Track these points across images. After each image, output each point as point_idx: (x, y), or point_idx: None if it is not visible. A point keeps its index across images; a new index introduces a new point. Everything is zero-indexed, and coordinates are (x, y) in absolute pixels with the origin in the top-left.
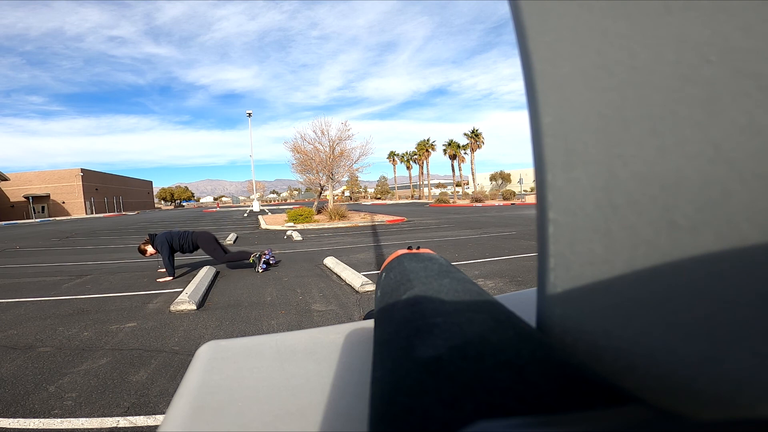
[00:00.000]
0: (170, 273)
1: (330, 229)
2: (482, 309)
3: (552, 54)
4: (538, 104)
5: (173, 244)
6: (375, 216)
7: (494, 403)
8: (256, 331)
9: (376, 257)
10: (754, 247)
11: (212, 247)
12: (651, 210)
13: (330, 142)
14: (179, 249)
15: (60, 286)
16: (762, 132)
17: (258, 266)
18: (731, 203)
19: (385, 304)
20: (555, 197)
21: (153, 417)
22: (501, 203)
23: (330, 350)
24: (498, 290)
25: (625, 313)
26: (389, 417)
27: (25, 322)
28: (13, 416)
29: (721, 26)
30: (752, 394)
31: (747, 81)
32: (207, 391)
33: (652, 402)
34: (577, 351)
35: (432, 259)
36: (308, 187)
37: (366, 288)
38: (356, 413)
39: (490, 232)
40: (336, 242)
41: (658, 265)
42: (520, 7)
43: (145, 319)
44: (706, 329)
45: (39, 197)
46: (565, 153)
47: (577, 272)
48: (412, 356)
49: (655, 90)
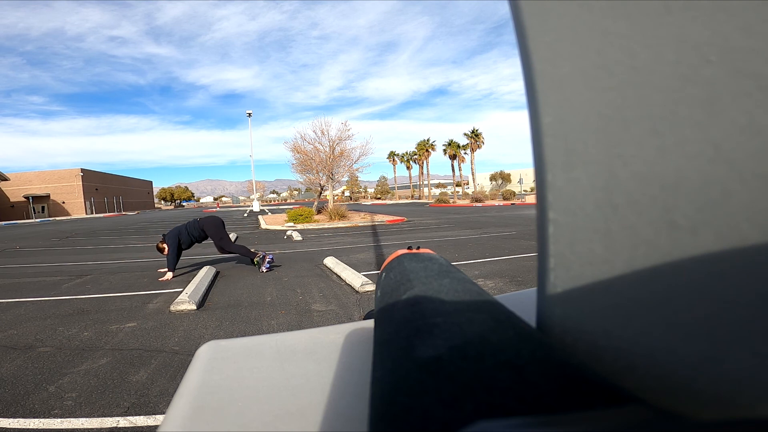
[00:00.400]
0: (170, 267)
1: (330, 229)
2: (482, 309)
3: (552, 54)
4: (538, 104)
5: (182, 238)
6: (375, 216)
7: (494, 403)
8: (256, 331)
9: (376, 257)
10: (754, 247)
11: (218, 233)
12: (651, 210)
13: (330, 142)
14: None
15: (60, 286)
16: (762, 132)
17: (262, 266)
18: (731, 203)
19: (385, 304)
20: (555, 197)
21: (153, 417)
22: (501, 203)
23: (330, 350)
24: (498, 290)
25: (625, 313)
26: (389, 417)
27: (25, 322)
28: (13, 416)
29: (721, 26)
30: (752, 394)
31: (747, 81)
32: (207, 391)
33: (652, 402)
34: (577, 351)
35: (432, 259)
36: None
37: (366, 288)
38: (356, 413)
39: (490, 232)
40: (336, 242)
41: (658, 265)
42: (520, 7)
43: (145, 319)
44: (706, 329)
45: (39, 197)
46: (565, 153)
47: (577, 272)
48: (412, 356)
49: (655, 90)
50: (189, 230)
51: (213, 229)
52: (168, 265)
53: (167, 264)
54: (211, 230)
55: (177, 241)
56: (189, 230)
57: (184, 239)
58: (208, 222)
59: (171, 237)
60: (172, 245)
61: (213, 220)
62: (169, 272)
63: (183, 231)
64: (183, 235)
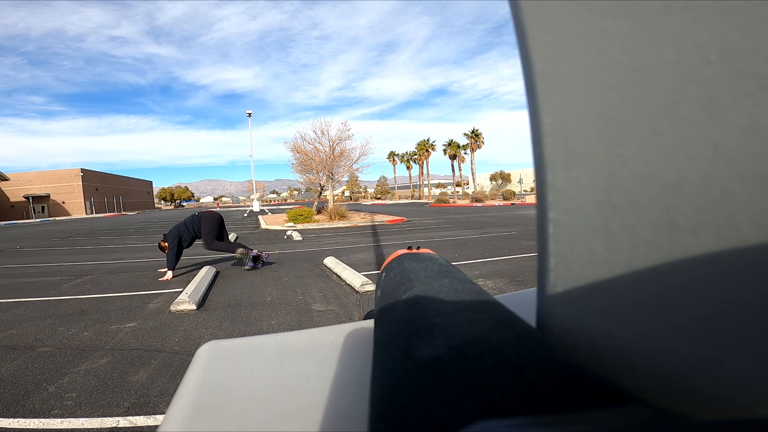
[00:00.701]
0: (169, 266)
1: (330, 229)
2: (482, 309)
3: (552, 54)
4: (538, 104)
5: (183, 235)
6: (375, 216)
7: (494, 403)
8: (256, 331)
9: (376, 257)
10: (754, 247)
11: (207, 227)
12: (651, 210)
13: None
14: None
15: (60, 286)
16: (762, 132)
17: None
18: (731, 203)
19: (385, 304)
20: (555, 197)
21: (153, 417)
22: (501, 203)
23: (330, 350)
24: (498, 290)
25: (625, 313)
26: (389, 417)
27: (25, 322)
28: (13, 416)
29: (721, 26)
30: (752, 394)
31: (747, 81)
32: (207, 391)
33: (652, 402)
34: (577, 351)
35: (432, 259)
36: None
37: (366, 288)
38: (356, 413)
39: (490, 232)
40: (336, 242)
41: (658, 265)
42: (520, 7)
43: (145, 319)
44: (706, 329)
45: (39, 197)
46: (565, 153)
47: (577, 272)
48: (412, 356)
49: (655, 90)
50: (188, 226)
51: (206, 223)
52: (167, 264)
53: (167, 263)
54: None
55: (178, 239)
56: (188, 226)
57: (185, 236)
58: (206, 216)
59: (171, 235)
60: (172, 243)
61: (211, 215)
62: (169, 272)
63: (183, 228)
64: (183, 232)
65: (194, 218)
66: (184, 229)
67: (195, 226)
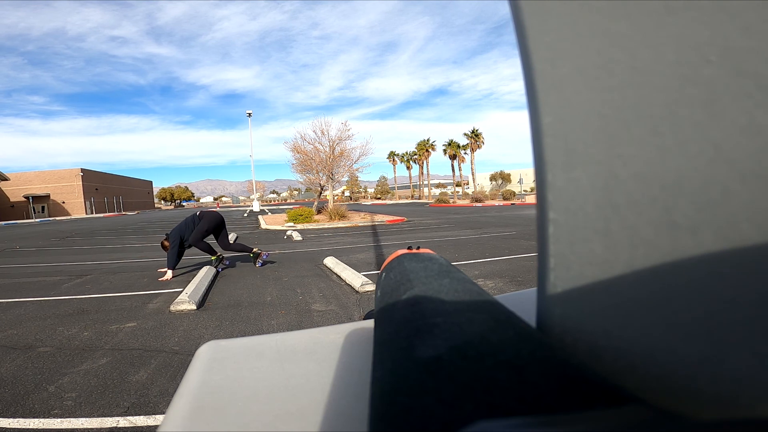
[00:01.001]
0: (170, 265)
1: (330, 229)
2: (482, 309)
3: (552, 54)
4: (538, 104)
5: (184, 234)
6: (375, 216)
7: (494, 403)
8: (256, 331)
9: (376, 257)
10: (754, 247)
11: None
12: (651, 210)
13: (330, 142)
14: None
15: (60, 286)
16: (762, 132)
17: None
18: (731, 203)
19: (385, 304)
20: (555, 197)
21: (153, 417)
22: (501, 203)
23: (330, 350)
24: (498, 290)
25: (625, 313)
26: (389, 417)
27: (25, 322)
28: (13, 416)
29: (721, 26)
30: (752, 394)
31: (747, 81)
32: (207, 391)
33: (652, 402)
34: (577, 351)
35: (432, 259)
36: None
37: (366, 288)
38: (356, 413)
39: (490, 232)
40: (336, 242)
41: (658, 265)
42: (520, 7)
43: (145, 319)
44: (706, 329)
45: (39, 197)
46: (565, 153)
47: (577, 272)
48: (412, 356)
49: (655, 90)
50: (190, 225)
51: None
52: (168, 264)
53: (167, 263)
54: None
55: (179, 239)
56: (190, 225)
57: (186, 236)
58: (207, 214)
59: (173, 234)
60: (173, 243)
61: (213, 214)
62: (169, 271)
63: (184, 227)
64: (184, 231)
65: (195, 217)
66: (186, 229)
67: (196, 225)
